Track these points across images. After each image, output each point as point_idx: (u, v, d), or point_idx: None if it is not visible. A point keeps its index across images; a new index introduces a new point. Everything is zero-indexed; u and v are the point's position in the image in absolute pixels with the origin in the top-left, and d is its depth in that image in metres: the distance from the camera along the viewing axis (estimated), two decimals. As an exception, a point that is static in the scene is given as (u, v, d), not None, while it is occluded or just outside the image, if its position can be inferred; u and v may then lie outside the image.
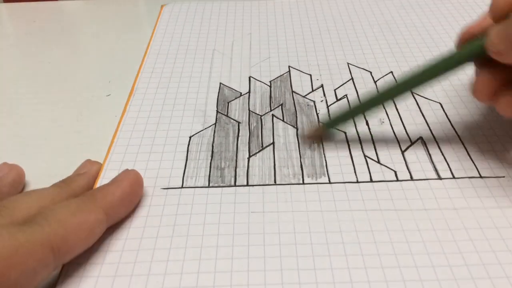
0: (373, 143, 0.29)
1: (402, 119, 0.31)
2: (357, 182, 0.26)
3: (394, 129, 0.30)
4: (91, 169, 0.27)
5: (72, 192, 0.24)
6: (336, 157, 0.28)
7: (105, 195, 0.23)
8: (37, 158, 0.30)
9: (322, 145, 0.29)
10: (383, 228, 0.23)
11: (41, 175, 0.28)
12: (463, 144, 0.28)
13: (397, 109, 0.32)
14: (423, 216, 0.24)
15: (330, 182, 0.26)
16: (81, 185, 0.25)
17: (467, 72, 0.33)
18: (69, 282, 0.21)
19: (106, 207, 0.23)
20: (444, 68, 0.26)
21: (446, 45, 0.39)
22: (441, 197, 0.25)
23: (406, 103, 0.32)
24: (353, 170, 0.27)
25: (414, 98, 0.33)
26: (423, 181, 0.26)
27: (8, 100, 0.36)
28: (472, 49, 0.25)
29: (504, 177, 0.26)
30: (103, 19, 0.48)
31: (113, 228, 0.24)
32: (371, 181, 0.26)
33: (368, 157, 0.28)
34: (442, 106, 0.32)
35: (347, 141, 0.29)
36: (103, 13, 0.49)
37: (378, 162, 0.27)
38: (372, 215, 0.24)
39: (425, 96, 0.33)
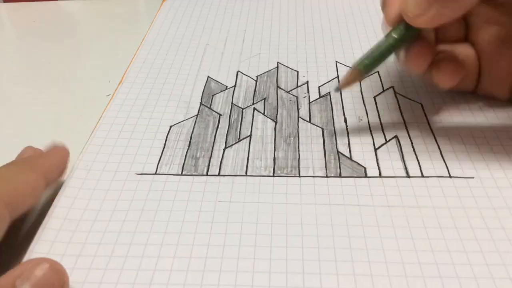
0: (348, 139, 0.29)
1: (381, 117, 0.31)
2: (326, 176, 0.27)
3: (371, 127, 0.30)
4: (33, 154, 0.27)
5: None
6: (310, 152, 0.28)
7: (42, 162, 0.25)
8: None
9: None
10: (343, 222, 0.24)
11: None
12: (437, 144, 0.28)
13: (377, 108, 0.32)
14: (384, 213, 0.24)
15: (299, 176, 0.27)
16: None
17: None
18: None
19: (41, 169, 0.24)
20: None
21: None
22: (406, 195, 0.25)
23: (387, 102, 0.32)
24: (324, 165, 0.27)
25: (396, 98, 0.33)
26: (391, 178, 0.26)
27: (8, 100, 0.36)
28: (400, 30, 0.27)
29: (473, 178, 0.26)
30: (103, 19, 0.49)
31: (82, 209, 0.25)
32: (340, 176, 0.27)
33: (341, 153, 0.28)
34: (422, 107, 0.32)
35: (323, 137, 0.30)
36: (103, 13, 0.50)
37: (350, 158, 0.28)
38: (335, 209, 0.24)
39: (407, 96, 0.33)
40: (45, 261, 0.20)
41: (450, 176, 0.26)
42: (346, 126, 0.30)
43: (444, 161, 0.27)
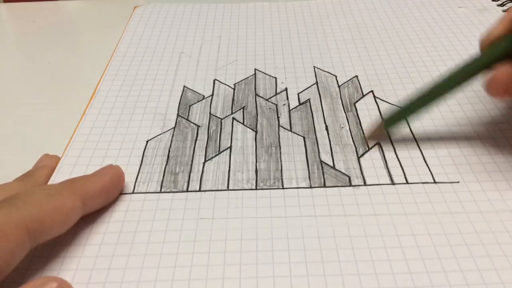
0: (330, 148, 0.29)
1: (362, 124, 0.30)
2: (310, 187, 0.26)
3: (352, 134, 0.30)
4: (50, 161, 0.27)
5: (36, 184, 0.25)
6: (292, 162, 0.28)
7: (84, 184, 0.23)
8: (37, 158, 0.29)
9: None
10: (331, 234, 0.23)
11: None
12: (420, 150, 0.28)
13: (357, 114, 0.31)
14: (372, 222, 0.23)
15: (283, 188, 0.26)
16: (42, 176, 0.26)
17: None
18: None
19: (84, 195, 0.23)
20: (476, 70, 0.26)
21: (415, 47, 0.39)
22: (392, 202, 0.24)
23: (367, 108, 0.32)
24: (308, 175, 0.27)
25: (376, 103, 0.32)
26: (376, 186, 0.26)
27: (8, 100, 0.36)
28: (500, 48, 0.25)
29: (458, 182, 0.26)
30: (103, 19, 0.48)
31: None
32: (324, 186, 0.26)
33: (324, 163, 0.28)
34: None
35: (305, 146, 0.29)
36: (103, 13, 0.49)
37: (333, 167, 0.27)
38: (321, 221, 0.24)
39: (387, 101, 0.32)
40: (53, 280, 0.19)
41: (435, 182, 0.26)
42: (328, 134, 0.30)
43: (428, 166, 0.27)
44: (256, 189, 0.26)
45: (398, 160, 0.27)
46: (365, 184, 0.26)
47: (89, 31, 0.47)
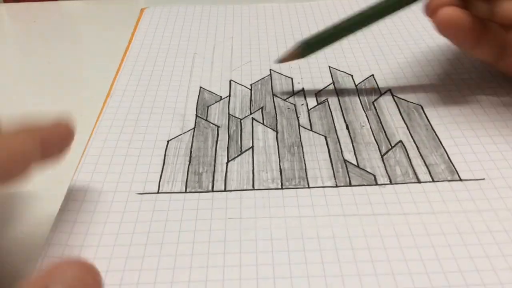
0: (353, 147, 0.29)
1: (382, 122, 0.30)
2: (336, 186, 0.26)
3: (374, 133, 0.30)
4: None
5: None
6: (316, 161, 0.28)
7: (41, 129, 0.22)
8: None
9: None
10: (361, 234, 0.23)
11: (41, 175, 0.27)
12: (443, 146, 0.28)
13: (377, 113, 0.31)
14: (401, 221, 0.23)
15: (309, 187, 0.26)
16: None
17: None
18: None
19: (40, 138, 0.21)
20: None
21: (428, 45, 0.39)
22: (420, 201, 0.24)
23: (387, 107, 0.32)
24: (332, 174, 0.27)
25: (395, 102, 0.32)
26: (402, 184, 0.26)
27: (8, 100, 0.36)
28: None
29: (484, 179, 0.26)
30: (103, 19, 0.48)
31: (83, 235, 0.23)
32: (350, 185, 0.26)
33: (348, 161, 0.28)
34: (423, 109, 0.31)
35: (327, 145, 0.29)
36: (103, 13, 0.49)
37: (357, 166, 0.27)
38: (351, 221, 0.24)
39: (406, 99, 0.32)
40: (77, 261, 0.18)
41: (460, 179, 0.26)
42: (349, 133, 0.30)
43: (452, 163, 0.27)
44: (282, 188, 0.26)
45: (422, 157, 0.27)
46: (391, 182, 0.26)
47: (90, 32, 0.46)
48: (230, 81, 0.36)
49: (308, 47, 0.33)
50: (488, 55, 0.30)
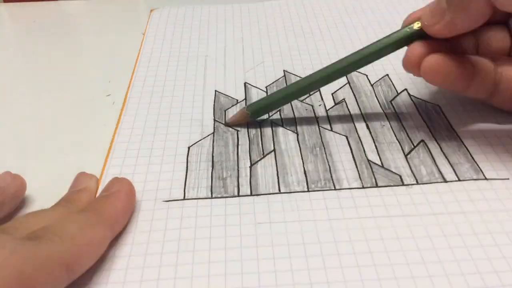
0: (375, 147, 0.29)
1: (402, 122, 0.30)
2: (363, 187, 0.26)
3: (395, 132, 0.30)
4: (89, 183, 0.26)
5: (77, 210, 0.23)
6: (339, 162, 0.28)
7: (108, 209, 0.23)
8: (37, 158, 0.29)
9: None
10: (394, 236, 0.23)
11: (41, 175, 0.28)
12: (465, 146, 0.28)
13: (396, 112, 0.31)
14: (432, 221, 0.23)
15: (335, 189, 0.26)
16: (84, 201, 0.24)
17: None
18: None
19: (110, 221, 0.23)
20: (383, 49, 0.29)
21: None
22: (449, 201, 0.25)
23: (405, 106, 0.32)
24: (358, 175, 0.27)
25: (412, 101, 0.32)
26: (429, 184, 0.26)
27: (8, 100, 0.35)
28: (407, 31, 0.28)
29: (508, 179, 0.26)
30: (103, 19, 0.48)
31: (114, 245, 0.23)
32: (377, 186, 0.26)
33: (372, 162, 0.28)
34: (441, 108, 0.32)
35: (349, 146, 0.29)
36: (103, 13, 0.49)
37: (382, 166, 0.27)
38: (381, 222, 0.24)
39: (423, 99, 0.32)
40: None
41: (486, 179, 0.26)
42: (370, 132, 0.30)
43: (476, 162, 0.27)
44: (308, 191, 0.26)
45: (445, 157, 0.27)
46: (417, 183, 0.26)
47: (90, 32, 0.46)
48: (245, 84, 0.36)
49: (255, 111, 0.31)
50: (481, 94, 0.28)
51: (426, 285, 0.21)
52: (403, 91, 0.34)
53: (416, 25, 0.27)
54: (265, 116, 0.32)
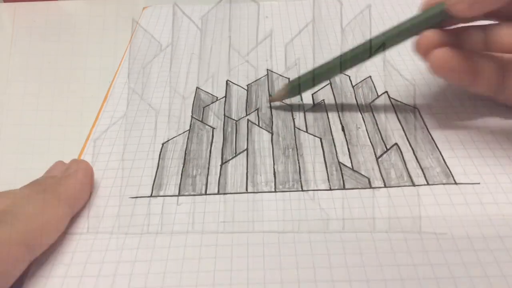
0: (348, 149, 0.28)
1: (378, 125, 0.30)
2: (330, 189, 0.26)
3: (369, 135, 0.29)
4: (61, 171, 0.26)
5: (39, 191, 0.24)
6: (310, 164, 0.28)
7: (66, 188, 0.24)
8: (37, 158, 0.30)
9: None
10: (354, 238, 0.23)
11: (41, 175, 0.27)
12: (438, 150, 0.28)
13: (373, 115, 0.31)
14: (396, 225, 0.23)
15: (302, 190, 0.26)
16: (49, 184, 0.24)
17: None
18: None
19: (69, 199, 0.23)
20: (406, 32, 0.28)
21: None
22: (413, 204, 0.24)
23: (383, 108, 0.32)
24: (327, 177, 0.26)
25: (391, 104, 0.32)
26: (396, 188, 0.25)
27: (8, 100, 0.36)
28: (432, 12, 0.27)
29: (479, 183, 0.26)
30: (103, 19, 0.48)
31: (78, 234, 0.23)
32: (344, 188, 0.26)
33: (342, 164, 0.27)
34: (419, 112, 0.31)
35: (322, 148, 0.29)
36: (103, 13, 0.49)
37: (352, 168, 0.27)
38: (346, 224, 0.23)
39: (403, 102, 0.32)
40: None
41: (455, 183, 0.26)
42: (345, 135, 0.30)
43: (448, 167, 0.27)
44: (275, 191, 0.26)
45: (417, 160, 0.27)
46: (385, 186, 0.26)
47: (90, 31, 0.46)
48: (226, 82, 0.36)
49: (294, 88, 0.32)
50: (487, 90, 0.28)
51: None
52: (383, 93, 0.33)
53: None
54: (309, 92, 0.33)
